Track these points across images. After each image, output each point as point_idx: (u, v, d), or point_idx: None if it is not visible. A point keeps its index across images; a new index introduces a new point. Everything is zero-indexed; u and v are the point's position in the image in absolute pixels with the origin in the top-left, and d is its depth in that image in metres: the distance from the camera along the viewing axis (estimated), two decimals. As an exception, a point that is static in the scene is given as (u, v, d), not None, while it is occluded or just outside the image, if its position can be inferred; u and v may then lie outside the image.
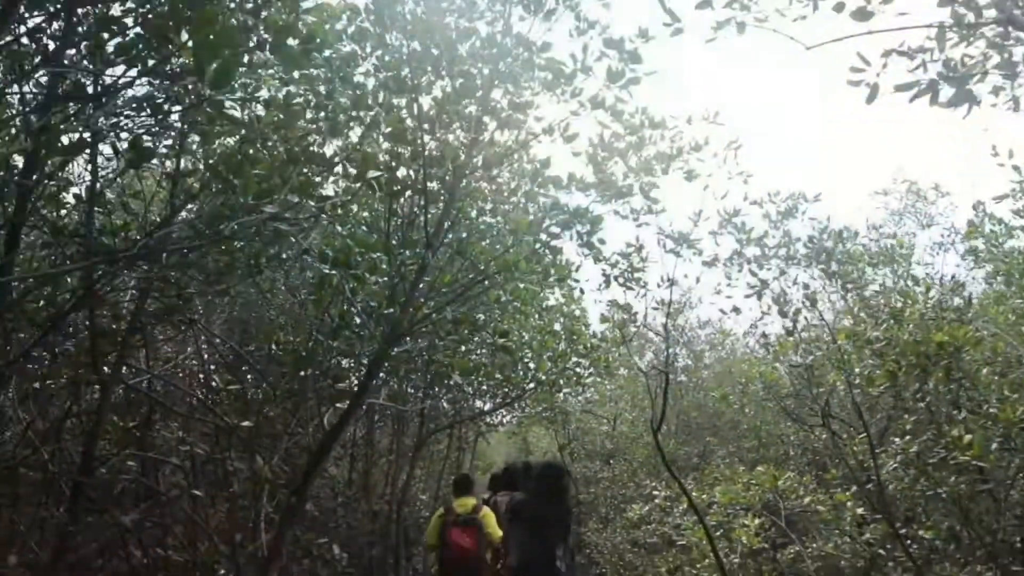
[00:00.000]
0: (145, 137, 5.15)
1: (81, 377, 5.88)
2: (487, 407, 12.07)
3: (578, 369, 9.65)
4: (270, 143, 4.73)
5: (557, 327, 9.63)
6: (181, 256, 5.60)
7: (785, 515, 5.79)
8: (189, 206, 4.97)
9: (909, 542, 4.65)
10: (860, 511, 4.97)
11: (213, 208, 3.36)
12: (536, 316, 9.43)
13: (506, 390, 10.45)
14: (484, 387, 11.07)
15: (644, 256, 4.90)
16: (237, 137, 4.40)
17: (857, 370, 4.54)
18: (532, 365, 9.37)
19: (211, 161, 3.43)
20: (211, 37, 2.32)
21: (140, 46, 3.41)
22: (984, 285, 8.42)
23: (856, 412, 4.61)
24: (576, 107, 5.60)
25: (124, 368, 6.45)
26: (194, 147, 4.25)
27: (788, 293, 4.64)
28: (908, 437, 4.70)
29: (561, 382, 9.59)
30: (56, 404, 6.11)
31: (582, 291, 5.47)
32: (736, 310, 4.82)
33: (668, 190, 5.00)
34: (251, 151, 4.17)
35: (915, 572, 4.48)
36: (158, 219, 5.70)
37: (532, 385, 9.78)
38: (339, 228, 6.03)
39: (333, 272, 5.25)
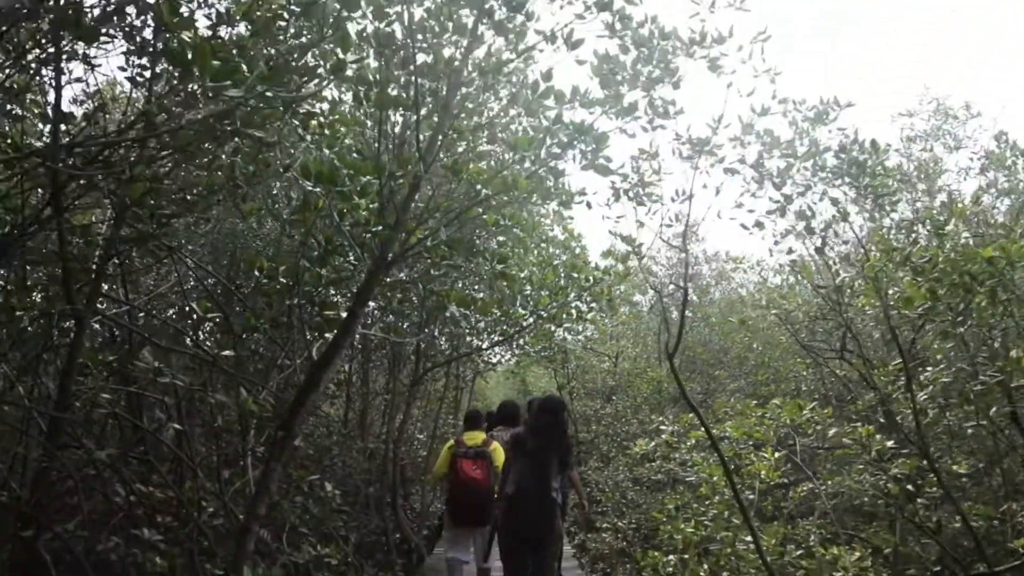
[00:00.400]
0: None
1: (52, 307, 5.57)
2: (485, 344, 11.83)
3: (579, 303, 9.32)
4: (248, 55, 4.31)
5: (557, 263, 9.29)
6: (154, 173, 5.23)
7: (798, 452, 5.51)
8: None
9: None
10: (890, 444, 4.68)
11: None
12: (536, 252, 9.12)
13: (504, 327, 10.23)
14: (482, 324, 10.88)
15: (658, 166, 4.47)
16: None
17: (892, 291, 4.16)
18: (531, 300, 9.06)
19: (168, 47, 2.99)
20: None
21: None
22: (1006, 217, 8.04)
23: (891, 335, 4.26)
24: (581, 9, 5.15)
25: (101, 300, 6.14)
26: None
27: (815, 208, 4.26)
28: (942, 366, 4.38)
29: (564, 316, 9.27)
30: (31, 337, 5.81)
31: (589, 205, 5.07)
32: (759, 224, 4.43)
33: (685, 98, 4.53)
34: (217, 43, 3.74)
35: (954, 509, 4.20)
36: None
37: (531, 320, 9.47)
38: (327, 151, 5.62)
39: (317, 189, 4.86)
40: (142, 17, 4.56)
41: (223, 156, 5.17)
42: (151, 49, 4.69)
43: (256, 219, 7.51)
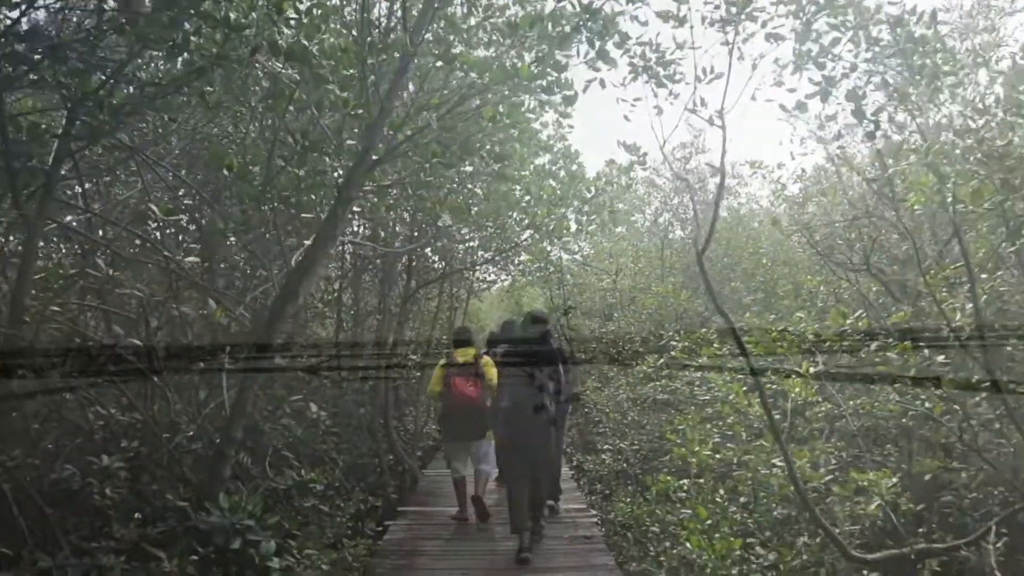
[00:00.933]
0: None
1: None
2: (480, 261, 11.35)
3: (579, 216, 8.83)
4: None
5: (553, 181, 8.70)
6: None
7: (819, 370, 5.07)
8: None
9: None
10: (940, 359, 4.24)
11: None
12: (532, 165, 8.52)
13: (499, 242, 9.76)
14: (475, 242, 10.43)
15: (690, 35, 3.85)
16: None
17: (950, 184, 3.61)
18: (528, 213, 8.52)
19: None
20: None
21: None
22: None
23: (955, 232, 3.75)
24: None
25: (56, 205, 5.59)
26: None
27: (864, 91, 3.69)
28: (1000, 272, 3.91)
29: (563, 230, 8.77)
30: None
31: (602, 83, 4.49)
32: (801, 106, 3.87)
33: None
34: None
35: (1015, 427, 3.78)
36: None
37: (528, 234, 8.97)
38: (305, 42, 4.96)
39: (290, 68, 4.24)
40: None
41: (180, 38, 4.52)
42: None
43: (232, 123, 6.88)
